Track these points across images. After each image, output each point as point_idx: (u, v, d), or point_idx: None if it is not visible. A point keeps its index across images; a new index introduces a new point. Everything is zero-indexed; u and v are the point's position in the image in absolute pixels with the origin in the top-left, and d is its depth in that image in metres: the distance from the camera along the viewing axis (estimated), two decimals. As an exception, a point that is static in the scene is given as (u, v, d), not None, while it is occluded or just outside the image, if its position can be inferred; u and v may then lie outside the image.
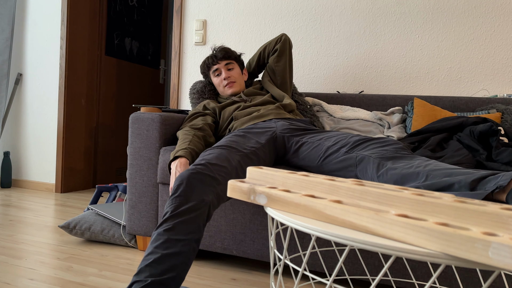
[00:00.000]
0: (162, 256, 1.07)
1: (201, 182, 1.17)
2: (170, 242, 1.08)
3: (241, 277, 1.58)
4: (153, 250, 1.08)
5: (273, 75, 1.97)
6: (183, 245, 1.09)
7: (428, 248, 0.51)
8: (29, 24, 3.34)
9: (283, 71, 1.96)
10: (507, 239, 0.46)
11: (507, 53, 2.15)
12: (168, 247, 1.08)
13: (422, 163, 1.12)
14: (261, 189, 0.73)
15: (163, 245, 1.08)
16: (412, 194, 0.58)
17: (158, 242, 1.09)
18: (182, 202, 1.13)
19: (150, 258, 1.07)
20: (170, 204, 1.14)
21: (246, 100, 1.86)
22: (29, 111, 3.35)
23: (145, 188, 1.79)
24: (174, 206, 1.13)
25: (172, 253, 1.07)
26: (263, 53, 2.03)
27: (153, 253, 1.08)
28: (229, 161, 1.29)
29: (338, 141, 1.41)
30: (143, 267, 1.06)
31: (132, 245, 1.87)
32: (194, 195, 1.15)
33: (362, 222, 0.58)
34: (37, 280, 1.45)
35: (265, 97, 1.84)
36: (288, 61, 1.98)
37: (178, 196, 1.14)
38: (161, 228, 1.11)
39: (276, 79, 1.97)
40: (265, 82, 1.98)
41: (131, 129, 1.80)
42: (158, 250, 1.08)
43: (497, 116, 1.84)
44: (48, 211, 2.55)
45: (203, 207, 1.15)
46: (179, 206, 1.13)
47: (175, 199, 1.14)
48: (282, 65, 1.96)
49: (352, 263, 1.45)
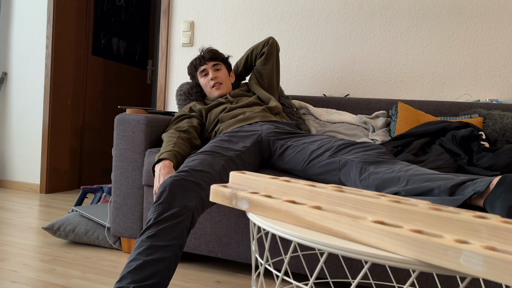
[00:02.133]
0: (144, 263, 1.07)
1: (184, 188, 1.18)
2: (153, 248, 1.09)
3: (226, 279, 1.58)
4: (136, 256, 1.09)
5: (260, 78, 1.98)
6: (165, 251, 1.09)
7: (402, 255, 0.52)
8: (15, 22, 3.30)
9: (270, 74, 1.98)
10: (478, 247, 0.48)
11: (489, 59, 2.19)
12: (151, 253, 1.08)
13: (403, 168, 1.14)
14: (243, 194, 0.74)
15: (146, 251, 1.08)
16: (389, 201, 0.60)
17: (141, 249, 1.09)
18: (165, 208, 1.14)
19: (133, 265, 1.07)
20: (153, 211, 1.14)
21: (232, 102, 1.87)
22: (13, 110, 3.31)
23: (130, 190, 1.78)
24: (157, 213, 1.13)
25: (154, 259, 1.07)
26: (251, 55, 2.04)
27: (135, 260, 1.08)
28: (213, 166, 1.30)
29: (322, 145, 1.43)
30: (125, 274, 1.06)
31: (117, 247, 1.86)
32: (177, 201, 1.15)
33: (340, 228, 0.59)
34: (19, 282, 1.44)
35: (251, 99, 1.85)
36: (275, 64, 2.00)
37: (161, 203, 1.15)
38: (144, 235, 1.12)
39: (263, 81, 1.98)
40: (252, 85, 1.99)
41: (116, 130, 1.79)
42: (141, 256, 1.08)
43: (479, 121, 1.88)
44: (32, 212, 2.52)
45: (186, 212, 1.15)
46: (162, 213, 1.13)
47: (158, 206, 1.15)
48: (269, 68, 1.97)
49: (335, 265, 1.46)
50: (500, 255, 0.45)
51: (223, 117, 1.76)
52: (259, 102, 1.87)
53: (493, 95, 2.18)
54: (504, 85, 2.16)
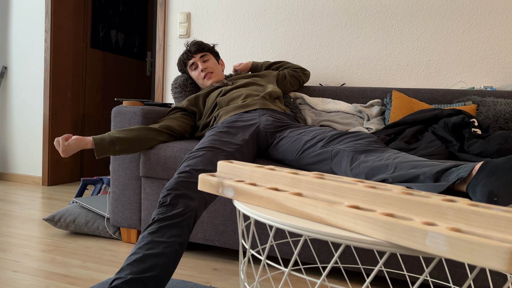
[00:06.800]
0: (143, 256, 1.11)
1: (186, 190, 1.22)
2: (153, 243, 1.13)
3: (222, 266, 1.62)
4: (136, 250, 1.13)
5: (282, 80, 2.11)
6: (165, 247, 1.13)
7: (374, 237, 0.55)
8: (13, 16, 3.32)
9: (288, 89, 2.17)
10: (443, 228, 0.50)
11: (484, 46, 2.19)
12: (151, 248, 1.12)
13: (392, 156, 1.16)
14: (229, 183, 0.77)
15: (146, 246, 1.13)
16: (364, 186, 0.62)
17: (142, 244, 1.14)
18: (169, 209, 1.18)
19: (132, 258, 1.12)
20: (157, 213, 1.19)
21: (227, 84, 1.90)
22: (14, 104, 3.35)
23: (128, 181, 1.81)
24: (161, 213, 1.18)
25: (153, 253, 1.11)
26: (282, 66, 2.21)
27: (135, 253, 1.13)
28: (214, 163, 1.32)
29: (316, 135, 1.45)
30: (125, 266, 1.10)
31: (116, 237, 1.90)
32: (180, 203, 1.20)
33: (317, 213, 0.61)
34: (20, 272, 1.48)
35: (248, 80, 1.89)
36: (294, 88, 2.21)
37: (165, 205, 1.19)
38: (146, 231, 1.17)
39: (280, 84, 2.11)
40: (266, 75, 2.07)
41: (114, 122, 1.82)
42: (141, 250, 1.13)
43: (472, 108, 1.89)
44: (34, 204, 2.56)
45: (189, 212, 1.19)
46: (165, 212, 1.18)
47: (161, 207, 1.19)
48: (290, 89, 2.18)
49: (328, 252, 1.49)
50: (462, 236, 0.47)
51: (221, 101, 1.78)
52: (255, 82, 1.89)
53: (487, 82, 2.19)
54: (499, 72, 2.17)
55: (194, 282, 1.42)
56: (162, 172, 1.69)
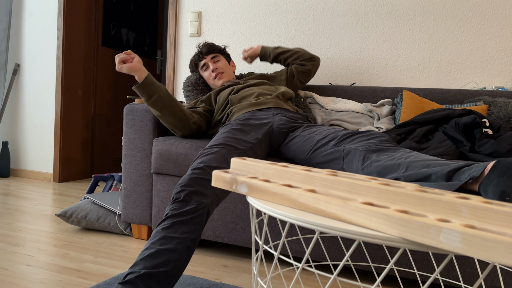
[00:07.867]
0: (157, 251, 1.12)
1: (200, 187, 1.23)
2: (166, 239, 1.15)
3: (232, 264, 1.63)
4: (150, 245, 1.15)
5: (291, 78, 2.09)
6: (178, 243, 1.15)
7: (388, 233, 0.55)
8: (26, 15, 3.36)
9: (297, 87, 2.12)
10: (457, 225, 0.51)
11: (496, 46, 2.18)
12: (164, 244, 1.14)
13: (404, 155, 1.17)
14: (242, 179, 0.78)
15: (159, 241, 1.14)
16: (378, 184, 0.63)
17: (155, 239, 1.16)
18: (182, 205, 1.20)
19: (146, 253, 1.13)
20: (171, 208, 1.20)
21: (238, 82, 1.92)
22: (26, 101, 3.39)
23: (139, 178, 1.83)
24: (174, 209, 1.19)
25: (166, 249, 1.13)
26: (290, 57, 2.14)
27: (149, 249, 1.14)
28: (227, 160, 1.33)
29: (328, 134, 1.45)
30: (138, 261, 1.12)
31: (127, 233, 1.92)
32: (194, 199, 1.21)
33: (331, 209, 0.62)
34: (34, 266, 1.50)
35: (259, 80, 1.91)
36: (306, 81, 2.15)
37: (178, 201, 1.21)
38: (159, 227, 1.18)
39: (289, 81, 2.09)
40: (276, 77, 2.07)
41: (126, 120, 1.84)
42: (154, 245, 1.14)
43: (483, 108, 1.89)
44: (46, 200, 2.60)
45: (201, 209, 1.21)
46: (178, 209, 1.19)
47: (175, 203, 1.21)
48: (304, 83, 2.13)
49: (338, 250, 1.50)
50: (476, 232, 0.48)
51: (233, 98, 1.79)
52: (267, 82, 1.91)
53: (499, 83, 2.18)
54: (510, 72, 2.16)
55: (204, 278, 1.43)
56: (174, 168, 1.71)
